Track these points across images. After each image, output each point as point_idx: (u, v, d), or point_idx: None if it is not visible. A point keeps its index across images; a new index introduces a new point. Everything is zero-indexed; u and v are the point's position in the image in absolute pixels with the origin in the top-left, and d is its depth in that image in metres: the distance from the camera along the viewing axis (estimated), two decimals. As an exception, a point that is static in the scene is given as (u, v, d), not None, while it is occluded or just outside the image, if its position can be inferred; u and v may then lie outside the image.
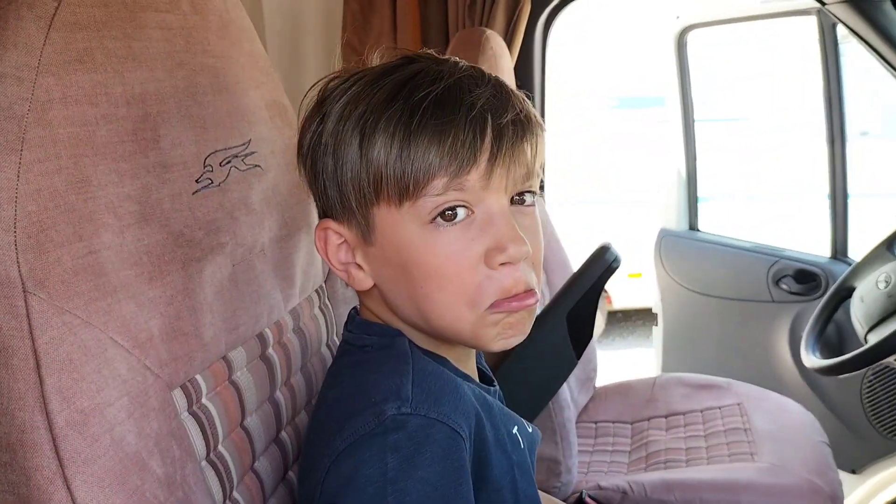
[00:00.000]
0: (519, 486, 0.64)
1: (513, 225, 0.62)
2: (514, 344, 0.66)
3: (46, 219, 0.54)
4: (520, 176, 0.63)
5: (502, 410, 0.68)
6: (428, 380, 0.61)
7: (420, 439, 0.57)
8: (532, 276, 0.64)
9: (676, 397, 1.87)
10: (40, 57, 0.55)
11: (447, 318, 0.63)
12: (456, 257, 0.61)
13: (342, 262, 0.67)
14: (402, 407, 0.58)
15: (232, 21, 0.76)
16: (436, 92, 0.61)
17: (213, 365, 0.67)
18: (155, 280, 0.62)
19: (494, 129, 0.61)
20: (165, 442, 0.58)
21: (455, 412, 0.59)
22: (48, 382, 0.51)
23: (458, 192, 0.61)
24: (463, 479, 0.57)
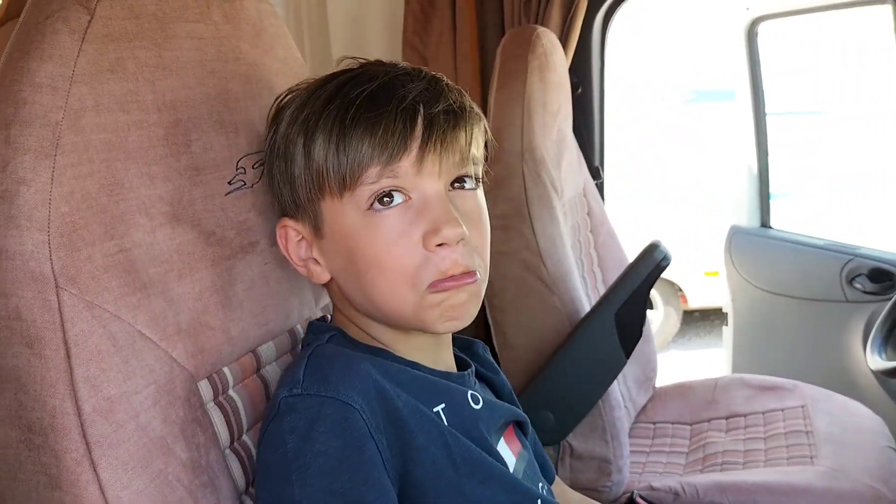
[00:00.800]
0: (453, 451, 0.65)
1: (448, 208, 0.66)
2: (458, 327, 0.69)
3: (79, 219, 0.58)
4: (455, 162, 0.67)
5: (438, 390, 0.69)
6: (320, 362, 0.64)
7: (313, 416, 0.60)
8: (474, 259, 0.67)
9: (738, 399, 1.82)
10: (74, 68, 0.59)
11: (391, 302, 0.67)
12: (394, 240, 0.65)
13: (302, 259, 0.72)
14: (294, 389, 0.62)
15: (265, 29, 0.79)
16: (370, 89, 0.66)
17: (241, 358, 0.70)
18: (184, 277, 0.65)
19: (425, 119, 0.65)
20: (190, 429, 0.62)
21: (345, 387, 0.61)
22: (77, 371, 0.55)
23: (392, 178, 0.65)
24: (366, 445, 0.60)
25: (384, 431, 0.62)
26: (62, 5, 0.61)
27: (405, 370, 0.68)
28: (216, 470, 0.63)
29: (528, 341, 1.46)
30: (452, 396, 0.69)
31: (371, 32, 2.33)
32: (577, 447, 1.45)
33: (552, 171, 1.50)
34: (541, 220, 1.44)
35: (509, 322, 1.48)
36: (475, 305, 0.69)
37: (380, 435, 0.61)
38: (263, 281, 0.74)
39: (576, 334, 1.38)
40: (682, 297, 4.83)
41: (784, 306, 2.54)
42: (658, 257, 1.33)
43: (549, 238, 1.45)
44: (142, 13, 0.65)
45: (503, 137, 1.48)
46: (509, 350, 1.49)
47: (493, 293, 1.49)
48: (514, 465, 0.74)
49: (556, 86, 1.59)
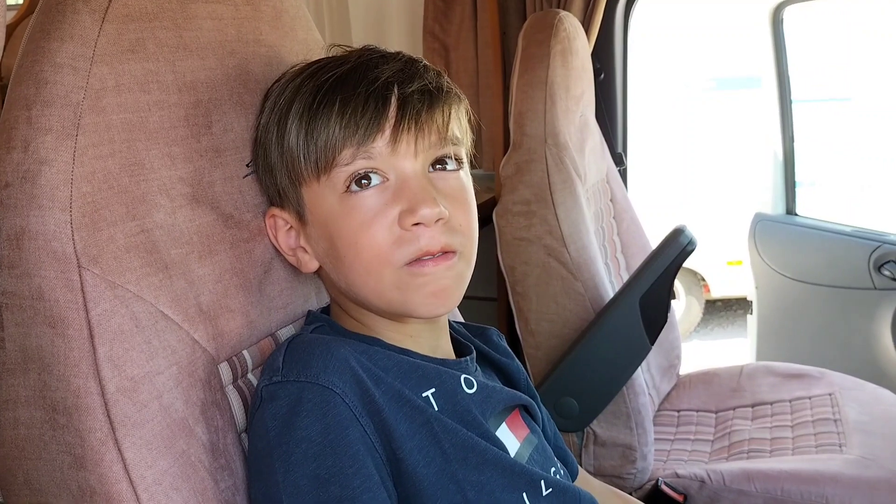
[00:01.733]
0: (441, 437, 0.64)
1: (426, 187, 0.65)
2: (441, 311, 0.68)
3: (100, 199, 0.58)
4: (432, 142, 0.66)
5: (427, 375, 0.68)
6: (299, 348, 0.64)
7: (293, 402, 0.60)
8: (454, 238, 0.67)
9: (764, 387, 1.80)
10: (94, 48, 0.59)
11: (370, 283, 0.67)
12: (370, 220, 0.65)
13: (291, 248, 0.72)
14: (274, 377, 0.62)
15: (286, 10, 0.79)
16: (340, 72, 0.65)
17: (260, 342, 0.70)
18: (205, 258, 0.65)
19: (399, 99, 0.65)
20: (210, 411, 0.62)
21: (325, 372, 0.61)
22: (101, 351, 0.55)
23: (366, 159, 0.65)
24: (349, 428, 0.59)
25: (368, 412, 0.61)
26: (81, -14, 0.60)
27: (391, 355, 0.67)
28: (233, 454, 0.63)
29: (552, 328, 1.45)
30: (443, 381, 0.68)
31: (391, 20, 2.33)
32: (601, 434, 1.43)
33: (575, 157, 1.49)
34: (564, 206, 1.43)
35: (532, 308, 1.47)
36: (459, 288, 0.69)
37: (365, 419, 0.61)
38: (282, 264, 0.74)
39: (600, 320, 1.37)
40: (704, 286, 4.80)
41: (810, 294, 2.51)
42: (683, 242, 1.31)
43: (573, 224, 1.43)
44: (161, -8, 0.65)
45: (525, 122, 1.47)
46: (532, 336, 1.48)
47: (515, 279, 1.48)
48: (516, 450, 0.72)
49: (579, 71, 1.57)
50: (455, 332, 0.80)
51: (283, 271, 0.74)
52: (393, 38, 2.29)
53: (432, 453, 0.63)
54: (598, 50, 1.91)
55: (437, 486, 0.63)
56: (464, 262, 0.69)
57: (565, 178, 1.45)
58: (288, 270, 0.74)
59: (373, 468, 0.59)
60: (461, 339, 0.79)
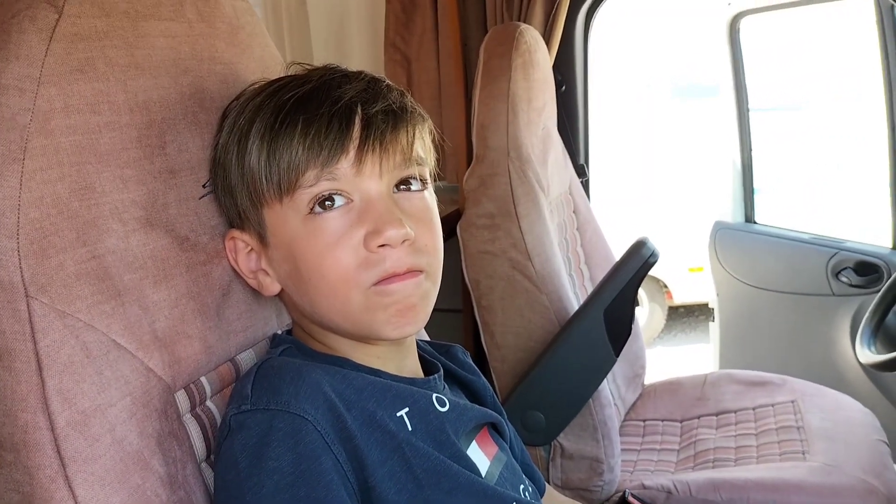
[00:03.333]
0: (413, 463, 0.62)
1: (391, 208, 0.64)
2: (409, 331, 0.67)
3: (49, 225, 0.56)
4: (397, 162, 0.66)
5: (400, 395, 0.66)
6: (269, 374, 0.62)
7: (263, 432, 0.58)
8: (420, 259, 0.66)
9: (728, 395, 1.81)
10: (42, 68, 0.57)
11: (336, 306, 0.65)
12: (335, 243, 0.64)
13: (251, 270, 0.70)
14: (243, 405, 0.60)
15: (242, 27, 0.77)
16: (302, 92, 0.64)
17: (219, 367, 0.68)
18: (160, 283, 0.63)
19: (363, 119, 0.64)
20: (167, 442, 0.60)
21: (297, 398, 0.59)
22: (49, 384, 0.53)
23: (330, 181, 0.63)
24: (321, 458, 0.58)
25: (340, 439, 0.60)
26: (29, 3, 0.58)
27: (363, 376, 0.66)
28: (193, 485, 0.61)
29: (517, 341, 1.45)
30: (416, 400, 0.67)
31: (352, 31, 2.31)
32: (567, 447, 1.43)
33: (538, 169, 1.49)
34: (528, 219, 1.43)
35: (497, 322, 1.46)
36: (426, 307, 0.68)
37: (338, 447, 0.59)
38: (240, 286, 0.72)
39: (565, 333, 1.37)
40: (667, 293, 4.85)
41: (770, 301, 2.54)
42: (646, 254, 1.32)
43: (537, 236, 1.43)
44: (112, 11, 0.63)
45: (488, 135, 1.46)
46: (498, 350, 1.48)
47: (480, 293, 1.48)
48: (486, 469, 0.71)
49: (541, 83, 1.58)
50: (421, 350, 0.78)
51: (242, 294, 0.72)
52: (354, 50, 2.28)
53: (404, 479, 0.62)
54: (558, 62, 1.92)
55: None
56: (430, 281, 0.68)
57: (528, 190, 1.45)
58: (247, 293, 0.72)
59: (346, 498, 0.58)
60: (427, 357, 0.78)
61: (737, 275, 2.65)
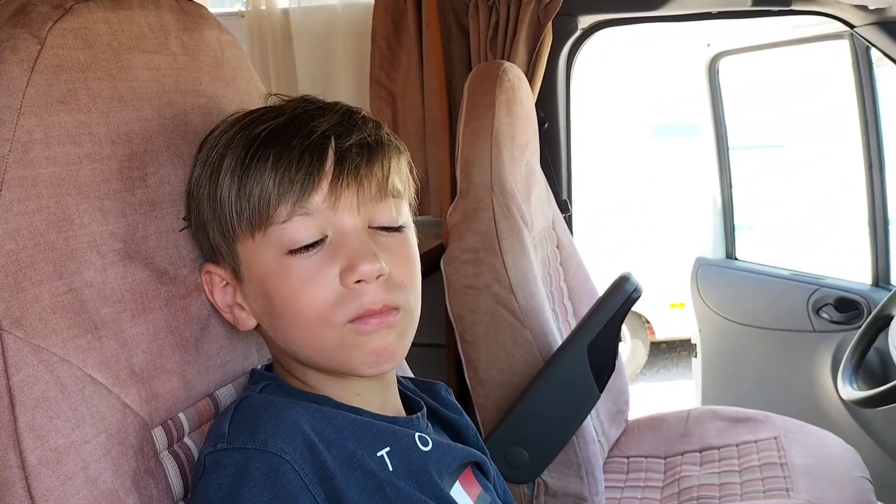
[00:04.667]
0: (395, 503, 0.61)
1: (366, 243, 0.63)
2: (384, 370, 0.66)
3: (25, 257, 0.55)
4: (372, 195, 0.64)
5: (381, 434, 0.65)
6: (246, 412, 0.61)
7: (239, 472, 0.56)
8: (397, 296, 0.64)
9: (711, 431, 1.81)
10: (22, 99, 0.57)
11: (311, 343, 0.64)
12: (309, 280, 0.62)
13: (227, 304, 0.69)
14: (219, 444, 0.59)
15: (226, 60, 0.77)
16: (274, 125, 0.63)
17: (197, 403, 0.67)
18: (138, 317, 0.62)
19: (337, 152, 0.62)
20: (143, 480, 0.58)
21: (274, 437, 0.58)
22: (21, 421, 0.52)
23: (304, 216, 0.62)
24: (299, 497, 0.56)
25: (319, 479, 0.58)
26: (10, 34, 0.58)
27: (344, 415, 0.65)
28: (170, 524, 0.60)
29: (501, 376, 1.44)
30: (398, 439, 0.66)
31: (338, 68, 2.33)
32: (551, 484, 1.41)
33: (521, 205, 1.49)
34: (512, 254, 1.43)
35: (481, 357, 1.45)
36: (403, 346, 0.67)
37: (316, 487, 0.58)
38: (220, 320, 0.71)
39: (549, 368, 1.36)
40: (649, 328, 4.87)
41: (752, 337, 2.55)
42: (629, 289, 1.32)
43: (521, 271, 1.43)
44: (95, 43, 0.63)
45: (472, 170, 1.47)
46: (481, 386, 1.46)
47: (464, 328, 1.47)
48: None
49: (524, 120, 1.59)
50: (403, 387, 0.77)
51: (221, 328, 0.71)
52: (340, 86, 2.29)
53: None
54: (541, 99, 1.95)
55: None
56: (408, 317, 0.67)
57: (512, 225, 1.45)
58: (226, 327, 0.71)
59: None
60: (410, 394, 0.77)
61: (718, 311, 2.66)
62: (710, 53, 2.71)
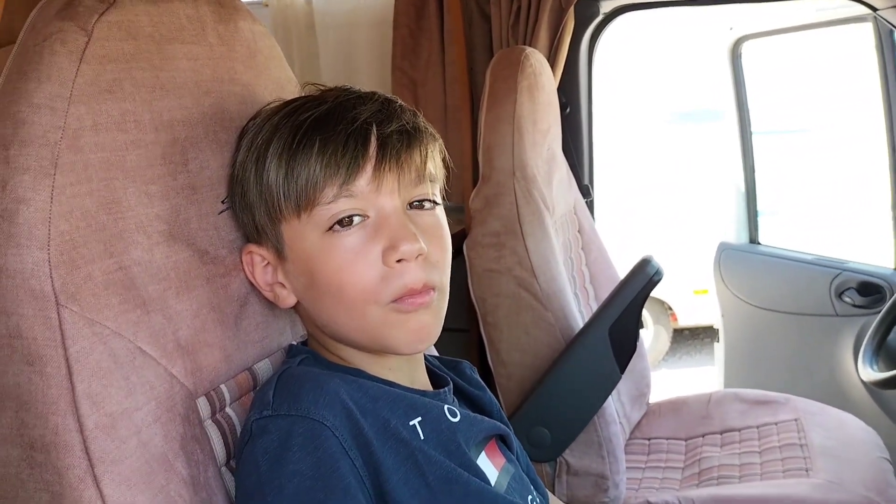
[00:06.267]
0: (425, 469, 0.65)
1: (405, 224, 0.67)
2: (422, 348, 0.70)
3: (78, 237, 0.59)
4: (412, 179, 0.68)
5: (413, 405, 0.69)
6: (289, 382, 0.64)
7: (284, 437, 0.60)
8: (434, 274, 0.68)
9: (732, 413, 1.83)
10: (72, 88, 0.60)
11: (354, 321, 0.68)
12: (354, 259, 0.66)
13: (268, 283, 0.72)
14: (265, 411, 0.62)
15: (259, 50, 0.81)
16: (318, 113, 0.67)
17: (238, 376, 0.70)
18: (182, 294, 0.66)
19: (379, 138, 0.66)
20: (190, 446, 0.62)
21: (316, 405, 0.61)
22: (79, 388, 0.55)
23: (349, 198, 0.66)
24: (339, 463, 0.60)
25: (357, 444, 0.62)
26: (60, 27, 0.62)
27: (379, 386, 0.68)
28: (214, 488, 0.63)
29: (523, 358, 1.47)
30: (429, 410, 0.69)
31: (360, 56, 2.36)
32: (573, 464, 1.45)
33: (543, 189, 1.52)
34: (533, 237, 1.45)
35: (504, 339, 1.48)
36: (437, 325, 0.70)
37: (354, 452, 0.62)
38: (257, 298, 0.75)
39: (570, 350, 1.39)
40: (672, 315, 4.85)
41: (774, 321, 2.56)
42: (650, 272, 1.34)
43: (542, 255, 1.45)
44: (139, 34, 0.66)
45: (494, 156, 1.50)
46: (503, 367, 1.50)
47: (486, 311, 1.50)
48: (496, 479, 0.73)
49: (546, 105, 1.61)
50: (430, 364, 0.81)
51: (258, 306, 0.74)
52: (362, 74, 2.32)
53: (417, 485, 0.64)
54: (563, 85, 1.96)
55: None
56: (441, 298, 0.70)
57: (534, 209, 1.47)
58: (263, 305, 0.75)
59: (363, 501, 0.60)
60: (437, 370, 0.80)
61: (741, 295, 2.66)
62: (732, 37, 2.70)
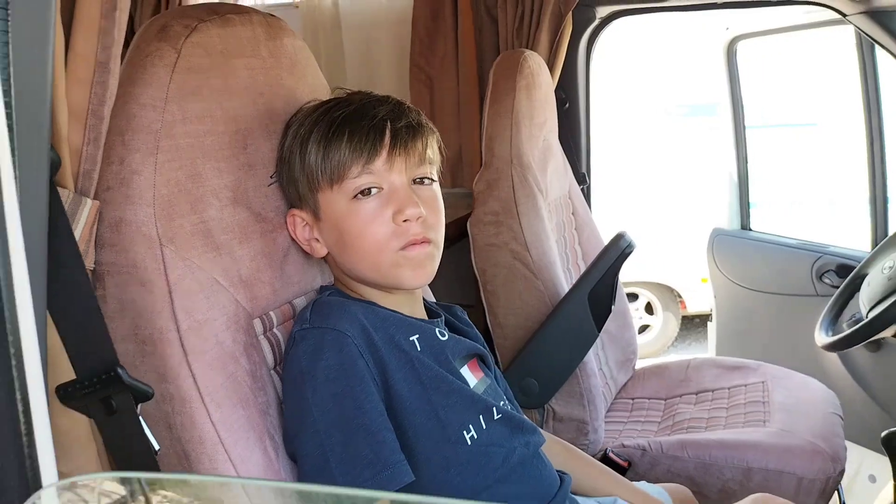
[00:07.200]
0: (419, 370, 0.89)
1: (410, 195, 0.91)
2: (422, 282, 0.94)
3: (173, 198, 0.83)
4: (415, 162, 0.92)
5: (413, 327, 0.92)
6: (322, 306, 0.89)
7: (318, 343, 0.85)
8: (430, 232, 0.93)
9: (708, 377, 2.04)
10: (167, 92, 0.84)
11: (371, 265, 0.92)
12: (372, 219, 0.90)
13: (306, 239, 0.96)
14: (304, 325, 0.87)
15: (299, 61, 1.04)
16: (347, 112, 0.90)
17: (282, 306, 0.95)
18: (244, 244, 0.90)
19: (392, 131, 0.90)
20: (249, 351, 0.86)
21: (340, 322, 0.86)
22: (176, 303, 0.80)
23: (369, 175, 0.90)
24: (357, 361, 0.84)
25: (368, 351, 0.86)
26: (157, 47, 0.85)
27: (387, 311, 0.93)
28: (266, 381, 0.88)
29: (517, 320, 1.70)
30: (424, 330, 0.94)
31: (381, 53, 2.58)
32: (558, 411, 1.67)
33: (537, 175, 1.74)
34: (527, 217, 1.68)
35: (500, 304, 1.71)
36: (432, 265, 0.94)
37: (368, 356, 0.85)
38: (297, 251, 0.98)
39: (556, 313, 1.62)
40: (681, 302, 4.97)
41: (760, 301, 2.75)
42: (623, 245, 1.56)
43: (534, 232, 1.68)
44: (212, 51, 0.90)
45: (494, 146, 1.72)
46: (500, 328, 1.73)
47: (486, 280, 1.73)
48: (474, 385, 0.97)
49: (542, 101, 1.83)
50: (428, 304, 1.04)
51: (298, 256, 0.98)
52: (383, 69, 2.54)
53: (413, 382, 0.88)
54: (563, 82, 2.18)
55: (416, 406, 0.88)
56: (434, 247, 0.95)
57: (528, 193, 1.70)
58: (301, 255, 0.99)
59: (373, 388, 0.84)
60: (433, 309, 1.04)
61: (731, 277, 2.86)
62: (728, 36, 2.89)
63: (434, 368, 0.90)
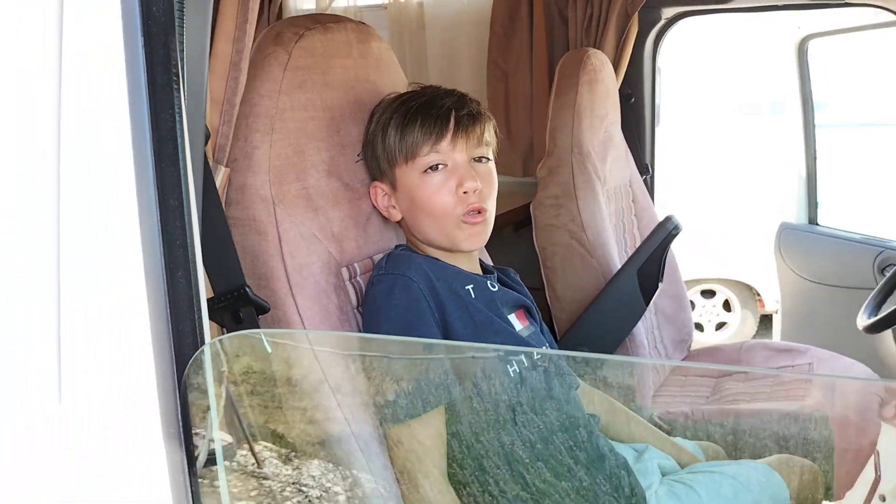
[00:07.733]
0: (472, 313, 1.08)
1: (469, 170, 1.11)
2: (478, 245, 1.14)
3: (283, 169, 1.06)
4: (473, 144, 1.11)
5: (468, 278, 1.13)
6: (395, 258, 1.10)
7: (390, 285, 1.06)
8: (486, 202, 1.12)
9: (758, 359, 2.16)
10: (281, 85, 1.07)
11: (436, 229, 1.12)
12: (438, 190, 1.11)
13: (385, 206, 1.17)
14: (380, 271, 1.08)
15: (383, 59, 1.26)
16: (419, 102, 1.11)
17: (364, 260, 1.17)
18: (336, 207, 1.12)
19: (456, 118, 1.10)
20: (338, 291, 1.09)
21: (409, 270, 1.07)
22: (284, 248, 1.03)
23: (437, 154, 1.10)
24: (420, 301, 1.04)
25: (431, 296, 1.06)
26: (273, 50, 1.08)
27: (448, 265, 1.13)
28: (350, 316, 1.10)
29: (573, 294, 1.88)
30: (478, 282, 1.14)
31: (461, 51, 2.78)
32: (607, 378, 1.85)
33: (597, 163, 1.92)
34: (584, 200, 1.86)
35: (558, 279, 1.90)
36: (487, 233, 1.15)
37: (430, 299, 1.06)
38: (377, 216, 1.20)
39: (608, 288, 1.79)
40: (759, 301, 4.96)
41: (825, 294, 2.82)
42: (670, 227, 1.72)
43: (591, 214, 1.86)
44: (315, 53, 1.12)
45: (557, 136, 1.91)
46: (558, 301, 1.91)
47: (545, 257, 1.92)
48: (519, 329, 1.17)
49: (604, 96, 2.00)
50: (484, 264, 1.25)
51: (377, 220, 1.20)
52: (463, 66, 2.74)
53: (467, 321, 1.09)
54: (629, 78, 2.33)
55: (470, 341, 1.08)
56: (489, 216, 1.15)
57: (587, 179, 1.88)
58: (381, 220, 1.21)
59: (433, 324, 1.05)
60: (488, 268, 1.24)
61: (797, 270, 2.94)
62: (800, 35, 2.96)
63: (485, 312, 1.10)
